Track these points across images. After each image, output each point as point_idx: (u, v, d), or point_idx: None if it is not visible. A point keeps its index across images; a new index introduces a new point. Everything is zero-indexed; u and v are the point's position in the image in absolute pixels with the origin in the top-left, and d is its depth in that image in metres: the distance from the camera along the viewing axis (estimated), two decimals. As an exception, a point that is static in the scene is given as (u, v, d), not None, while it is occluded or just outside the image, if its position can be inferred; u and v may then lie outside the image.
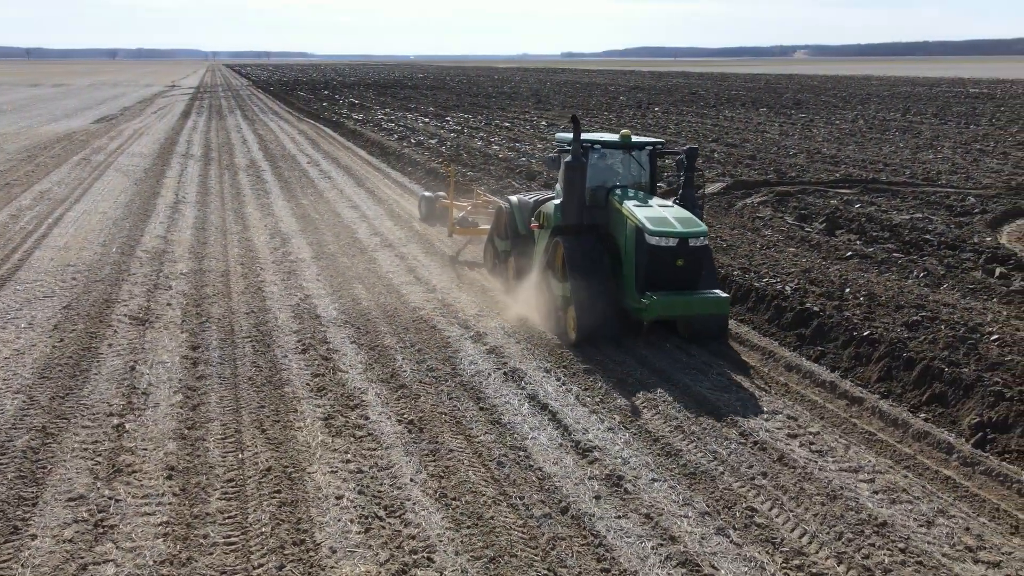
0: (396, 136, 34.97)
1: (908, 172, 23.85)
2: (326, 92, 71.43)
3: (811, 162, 26.25)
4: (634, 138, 12.33)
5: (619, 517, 6.94)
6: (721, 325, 11.20)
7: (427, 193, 19.50)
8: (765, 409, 9.15)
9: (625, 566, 6.27)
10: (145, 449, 7.91)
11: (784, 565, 6.34)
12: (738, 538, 6.68)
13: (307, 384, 9.52)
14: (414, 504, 7.06)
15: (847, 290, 12.47)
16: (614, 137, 12.47)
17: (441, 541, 6.53)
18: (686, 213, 11.13)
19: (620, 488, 7.38)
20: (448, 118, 44.12)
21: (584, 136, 11.89)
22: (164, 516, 6.78)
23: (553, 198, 12.48)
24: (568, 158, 11.38)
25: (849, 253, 15.11)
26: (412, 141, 32.86)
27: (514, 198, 13.81)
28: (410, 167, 26.94)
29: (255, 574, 6.11)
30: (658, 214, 10.89)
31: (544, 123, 40.90)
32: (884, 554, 6.48)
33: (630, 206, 11.08)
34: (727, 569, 6.26)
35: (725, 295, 11.13)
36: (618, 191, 11.75)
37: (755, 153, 28.65)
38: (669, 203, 11.49)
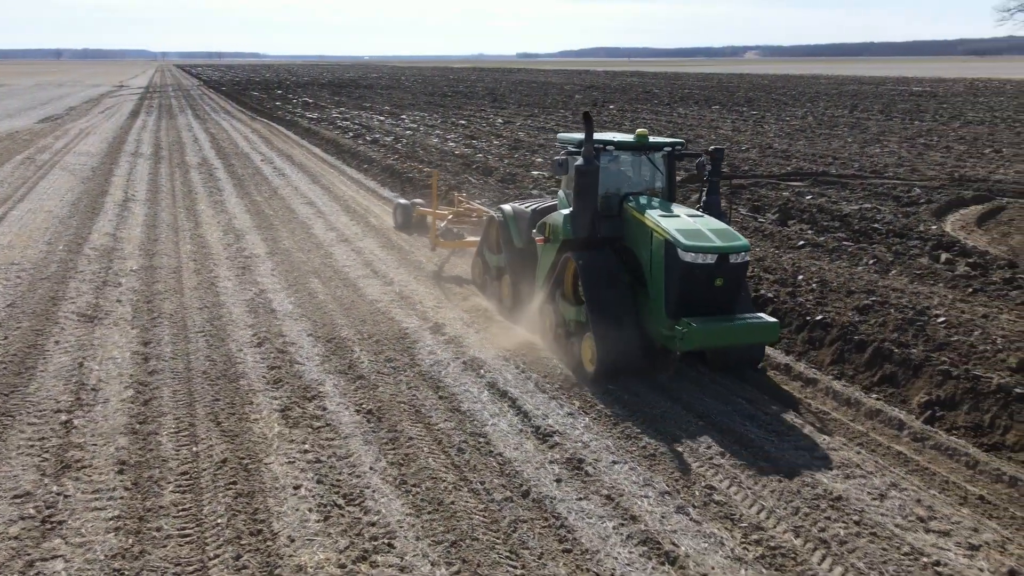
0: (351, 134, 34.66)
1: (856, 165, 24.35)
2: (279, 92, 70.47)
3: (763, 156, 26.65)
4: (651, 138, 10.68)
5: (580, 499, 6.95)
6: (758, 354, 9.90)
7: (402, 200, 17.94)
8: (722, 392, 9.25)
9: (587, 546, 6.28)
10: (95, 444, 7.70)
11: (743, 540, 6.42)
12: (698, 515, 6.74)
13: (263, 377, 9.37)
14: (374, 492, 6.98)
15: (800, 277, 12.69)
16: (628, 137, 10.80)
17: (402, 527, 6.48)
18: (721, 224, 9.47)
19: (581, 471, 7.40)
20: (404, 116, 43.84)
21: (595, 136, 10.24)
22: (115, 511, 6.61)
23: (555, 207, 11.21)
24: (579, 161, 9.78)
25: (801, 242, 15.39)
26: (368, 139, 32.60)
27: (508, 207, 12.20)
28: (366, 164, 26.72)
29: (211, 565, 5.99)
30: (690, 226, 9.24)
31: (500, 121, 40.89)
32: (840, 526, 6.60)
33: (655, 216, 9.45)
34: (687, 545, 6.31)
35: (773, 320, 9.33)
36: (633, 199, 10.17)
37: (709, 148, 28.97)
38: (698, 212, 9.86)
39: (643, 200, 10.15)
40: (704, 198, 10.45)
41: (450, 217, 15.81)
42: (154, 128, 40.04)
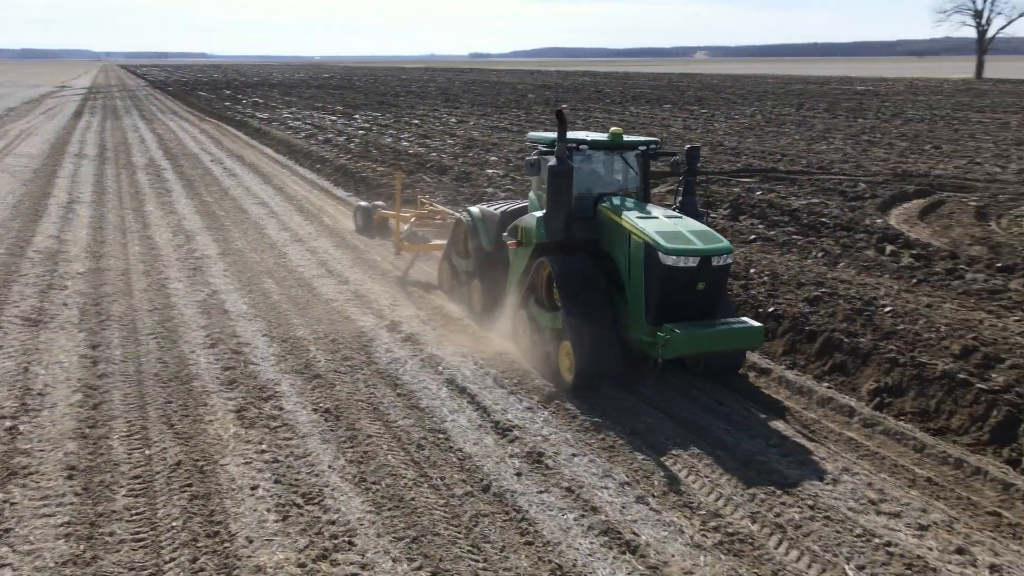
0: (303, 134, 34.25)
1: (804, 162, 24.87)
2: (228, 92, 69.29)
3: (714, 153, 27.06)
4: (625, 137, 10.39)
5: (541, 492, 6.97)
6: (740, 359, 9.71)
7: (362, 203, 17.29)
8: (679, 384, 9.37)
9: (548, 538, 6.31)
10: (42, 450, 7.48)
11: (702, 527, 6.51)
12: (657, 505, 6.82)
13: (217, 378, 9.21)
14: (333, 490, 6.92)
15: (752, 270, 12.93)
16: (602, 136, 10.46)
17: (362, 524, 6.43)
18: (701, 226, 9.21)
19: (541, 464, 7.42)
20: (356, 116, 43.47)
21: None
22: (65, 516, 6.43)
23: (526, 209, 10.87)
24: (552, 161, 9.40)
25: (752, 236, 15.67)
26: (320, 139, 32.25)
27: (476, 209, 11.77)
28: (319, 164, 26.41)
29: (167, 568, 5.87)
30: (670, 228, 8.94)
31: (454, 120, 40.81)
32: (795, 511, 6.74)
33: (632, 218, 9.15)
34: (648, 534, 6.38)
35: (758, 324, 9.08)
36: (608, 200, 9.88)
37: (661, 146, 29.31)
38: (676, 214, 9.60)
39: (618, 201, 9.85)
40: (680, 198, 10.21)
41: (413, 220, 15.28)
42: (99, 129, 39.05)
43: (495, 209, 11.39)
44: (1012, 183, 21.09)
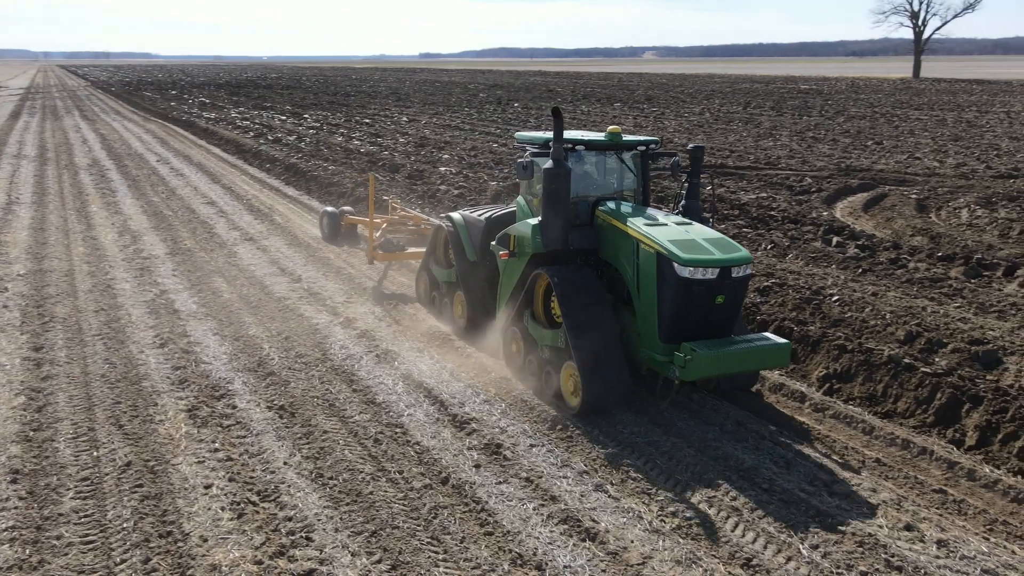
0: (252, 134, 33.71)
1: (752, 158, 25.32)
2: (174, 92, 67.82)
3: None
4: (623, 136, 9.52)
5: (500, 483, 6.97)
6: (754, 378, 9.03)
7: (329, 208, 16.28)
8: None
9: (508, 528, 6.31)
10: (-16, 455, 7.23)
11: (660, 512, 6.58)
12: (616, 492, 6.87)
13: (167, 378, 9.01)
14: (289, 487, 6.82)
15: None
16: (599, 136, 9.66)
17: (319, 520, 6.35)
18: (715, 233, 8.41)
19: (499, 456, 7.42)
20: (306, 116, 42.93)
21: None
22: (9, 521, 6.22)
23: (514, 215, 10.07)
24: (548, 163, 8.61)
25: (704, 230, 15.88)
26: (269, 138, 31.78)
27: (457, 215, 10.84)
28: (268, 163, 26.03)
29: (118, 571, 5.71)
30: (683, 236, 8.13)
31: (405, 119, 40.59)
32: (750, 494, 6.85)
33: (639, 225, 8.33)
34: (607, 521, 6.42)
35: (784, 341, 8.24)
36: (606, 204, 9.11)
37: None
38: (686, 220, 8.80)
39: (618, 206, 9.05)
40: (683, 202, 9.45)
41: (384, 226, 14.37)
42: (38, 129, 37.91)
43: (479, 215, 10.54)
44: (950, 177, 21.77)
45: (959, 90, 63.55)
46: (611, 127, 9.54)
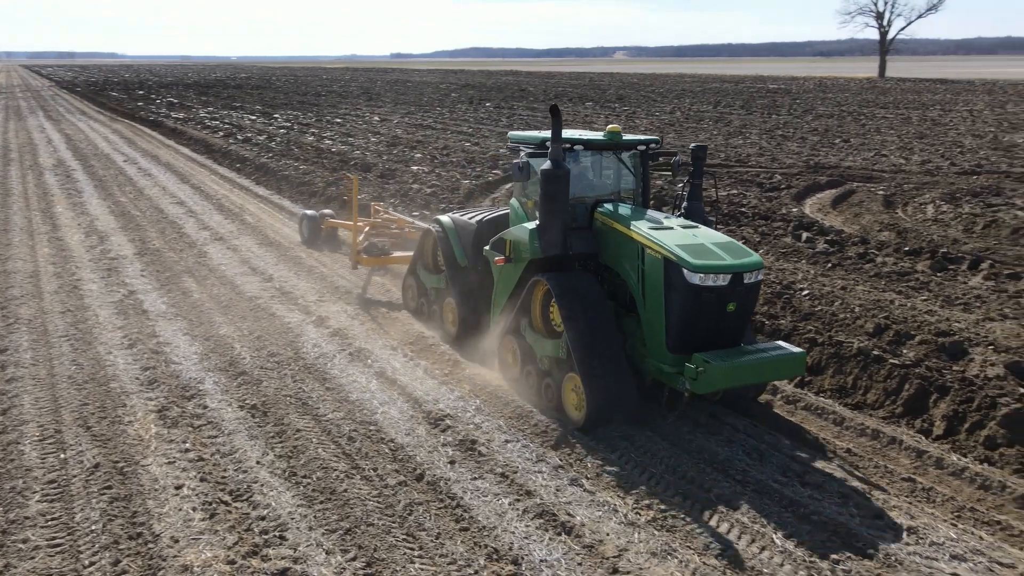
0: (222, 133, 33.34)
1: (723, 155, 25.52)
2: (141, 92, 66.84)
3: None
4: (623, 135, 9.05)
5: (475, 479, 6.96)
6: (762, 387, 8.67)
7: (309, 211, 15.61)
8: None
9: (484, 523, 6.30)
10: (-53, 458, 7.07)
11: (635, 505, 6.60)
12: (591, 486, 6.88)
13: (136, 378, 8.88)
14: (262, 486, 6.75)
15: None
16: (597, 135, 9.21)
17: (293, 519, 6.29)
18: (724, 236, 8.03)
19: (474, 451, 7.41)
20: (276, 115, 42.55)
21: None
22: (-26, 525, 6.10)
23: (506, 218, 9.69)
24: (546, 164, 8.14)
25: (676, 227, 15.98)
26: (239, 138, 31.45)
27: (447, 218, 10.40)
28: (239, 163, 25.77)
29: (86, 573, 5.62)
30: (690, 240, 7.76)
31: (377, 119, 40.38)
32: (724, 486, 6.90)
33: (644, 229, 7.92)
34: (582, 515, 6.43)
35: (799, 350, 7.82)
36: (603, 206, 8.71)
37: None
38: (692, 223, 8.38)
39: (618, 208, 8.64)
40: (685, 204, 9.09)
41: (367, 230, 13.78)
42: (1, 130, 37.17)
43: (469, 218, 10.13)
44: (915, 173, 22.11)
45: (923, 89, 64.59)
46: (610, 126, 9.08)
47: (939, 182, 20.62)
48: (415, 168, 22.96)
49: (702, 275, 7.37)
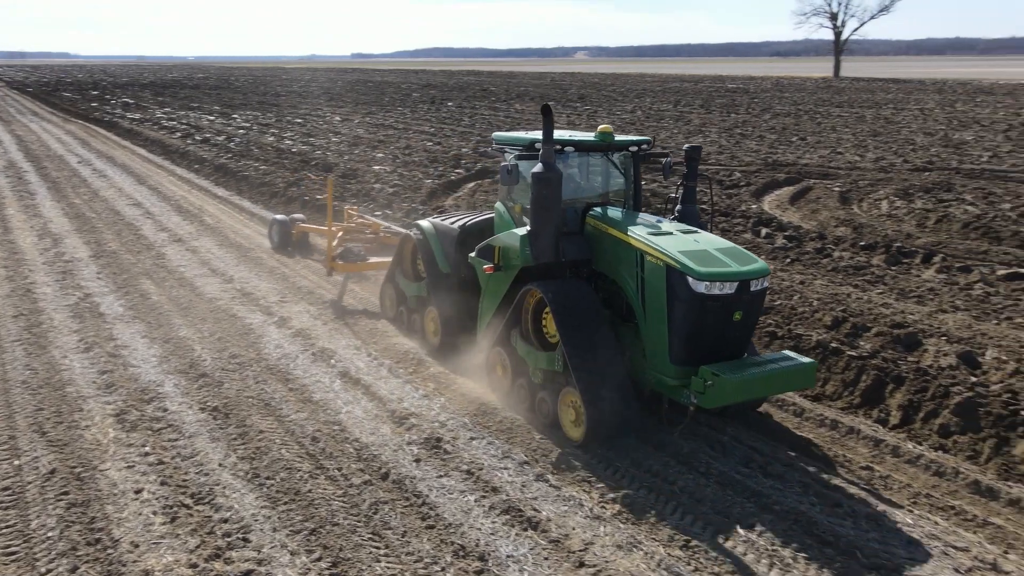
0: (179, 134, 32.82)
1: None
2: (95, 93, 65.46)
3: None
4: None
5: (440, 476, 6.94)
6: (762, 398, 8.28)
7: (279, 216, 15.09)
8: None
9: (450, 520, 6.29)
10: None
11: (600, 500, 6.64)
12: (557, 481, 6.90)
13: (93, 382, 8.70)
14: (224, 488, 6.66)
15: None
16: (588, 135, 8.87)
17: (257, 520, 6.22)
18: (726, 242, 7.74)
19: (440, 449, 7.39)
20: (236, 116, 42.00)
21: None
22: (-75, 535, 5.93)
23: (491, 222, 9.34)
24: (537, 166, 7.80)
25: (638, 224, 16.12)
26: (197, 138, 30.98)
27: (427, 223, 10.03)
28: (197, 164, 25.38)
29: (44, 580, 5.50)
30: (693, 246, 7.44)
31: (338, 119, 40.07)
32: (689, 478, 6.97)
33: (642, 234, 7.61)
34: (548, 510, 6.45)
35: (810, 360, 7.53)
36: (595, 210, 8.37)
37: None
38: (691, 227, 8.05)
39: (611, 212, 8.34)
40: (679, 207, 8.77)
41: (340, 234, 13.15)
42: (-53, 131, 36.16)
43: (451, 223, 9.76)
44: (870, 170, 22.58)
45: (876, 88, 65.95)
46: (602, 126, 8.75)
47: (893, 179, 21.08)
48: (377, 168, 22.84)
49: (708, 283, 7.03)
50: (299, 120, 39.34)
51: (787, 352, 7.81)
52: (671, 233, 7.72)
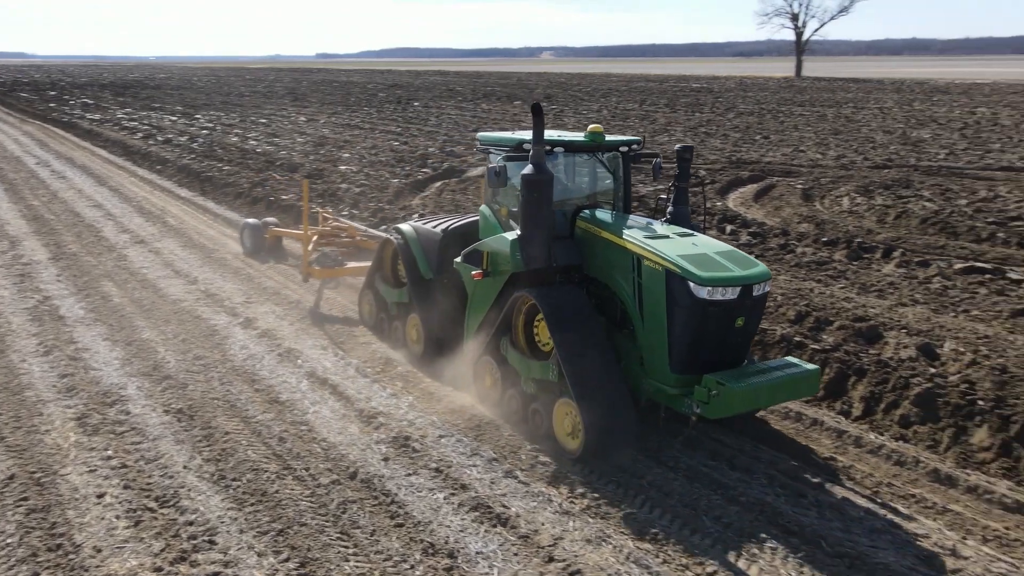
0: (141, 135, 32.29)
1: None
2: (53, 93, 64.10)
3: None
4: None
5: (409, 475, 6.93)
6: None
7: (251, 220, 14.61)
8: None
9: (419, 518, 6.28)
10: None
11: (570, 495, 6.68)
12: (525, 478, 6.92)
13: (53, 386, 8.53)
14: (189, 491, 6.58)
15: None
16: (577, 136, 8.56)
17: (223, 522, 6.15)
18: (725, 245, 7.54)
19: (408, 448, 7.37)
20: (198, 116, 41.42)
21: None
22: None
23: (476, 225, 9.00)
24: (527, 168, 7.48)
25: (605, 222, 16.20)
26: (159, 139, 30.51)
27: (408, 227, 9.67)
28: (159, 165, 24.99)
29: (3, 588, 5.39)
30: (691, 249, 7.22)
31: (303, 119, 39.72)
32: (657, 472, 7.04)
33: (638, 237, 7.39)
34: (518, 506, 6.47)
35: (813, 367, 7.41)
36: (586, 213, 8.13)
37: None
38: (688, 230, 7.90)
39: (603, 215, 8.11)
40: (670, 208, 8.56)
41: (315, 238, 12.70)
42: (-102, 133, 35.20)
43: (433, 226, 9.45)
44: (831, 168, 22.94)
45: (837, 88, 66.98)
46: (592, 126, 8.45)
47: (853, 176, 21.43)
48: (343, 168, 22.69)
49: (710, 288, 6.79)
50: (263, 120, 38.93)
51: (790, 359, 7.65)
52: (668, 236, 7.51)
